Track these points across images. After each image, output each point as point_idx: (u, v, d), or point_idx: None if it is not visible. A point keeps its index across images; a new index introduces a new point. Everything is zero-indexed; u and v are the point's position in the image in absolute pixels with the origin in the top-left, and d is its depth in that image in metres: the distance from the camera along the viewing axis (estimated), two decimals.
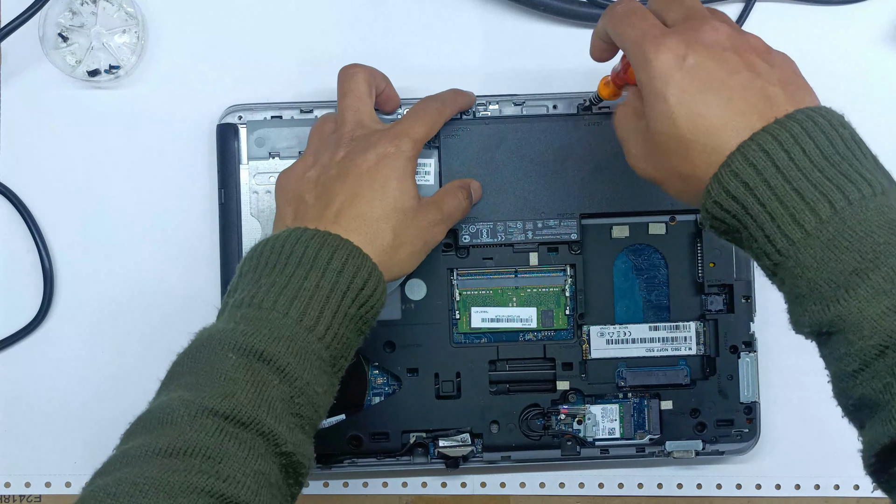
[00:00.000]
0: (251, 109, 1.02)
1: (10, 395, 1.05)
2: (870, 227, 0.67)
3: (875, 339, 0.65)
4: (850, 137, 0.71)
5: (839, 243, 0.67)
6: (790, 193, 0.69)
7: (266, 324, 0.79)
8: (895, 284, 0.65)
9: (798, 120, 0.71)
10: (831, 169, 0.69)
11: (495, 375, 1.01)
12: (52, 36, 1.03)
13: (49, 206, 1.06)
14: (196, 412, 0.73)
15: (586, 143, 1.00)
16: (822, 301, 0.67)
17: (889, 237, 0.66)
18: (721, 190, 0.72)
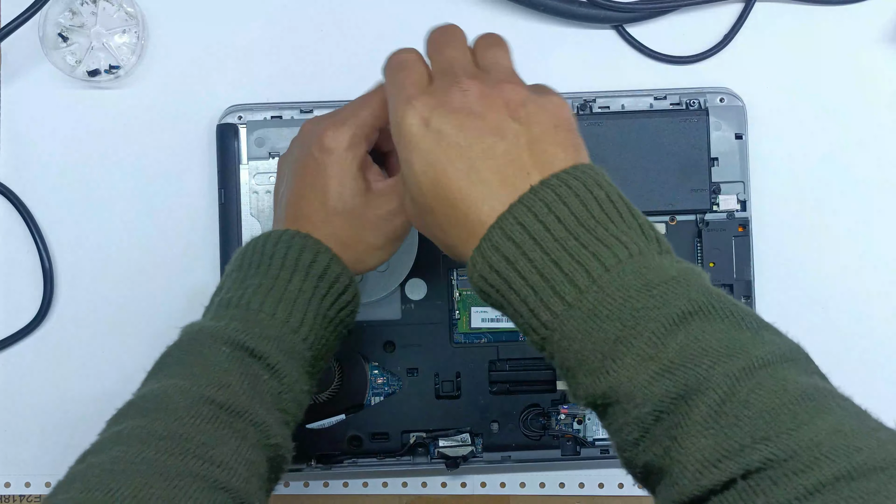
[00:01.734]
0: (251, 109, 1.02)
1: (10, 395, 1.06)
2: (628, 292, 0.65)
3: (648, 406, 0.64)
4: (606, 197, 0.69)
5: (600, 312, 0.65)
6: (549, 265, 0.67)
7: (255, 324, 0.79)
8: (658, 349, 0.64)
9: (551, 186, 0.68)
10: (587, 235, 0.67)
11: (495, 375, 1.01)
12: (52, 36, 1.03)
13: (49, 206, 1.06)
14: (193, 399, 0.74)
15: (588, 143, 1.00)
16: (592, 373, 0.66)
17: (646, 300, 0.65)
18: (485, 264, 0.69)
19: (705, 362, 0.63)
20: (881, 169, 1.05)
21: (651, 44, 1.06)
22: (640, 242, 0.68)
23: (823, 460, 0.59)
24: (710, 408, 0.62)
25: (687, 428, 0.62)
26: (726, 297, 0.67)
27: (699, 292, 0.66)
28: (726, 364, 0.63)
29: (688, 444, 0.62)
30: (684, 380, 0.63)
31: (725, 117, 1.02)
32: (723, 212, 1.02)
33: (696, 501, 0.62)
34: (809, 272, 1.05)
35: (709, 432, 0.62)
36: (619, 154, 1.00)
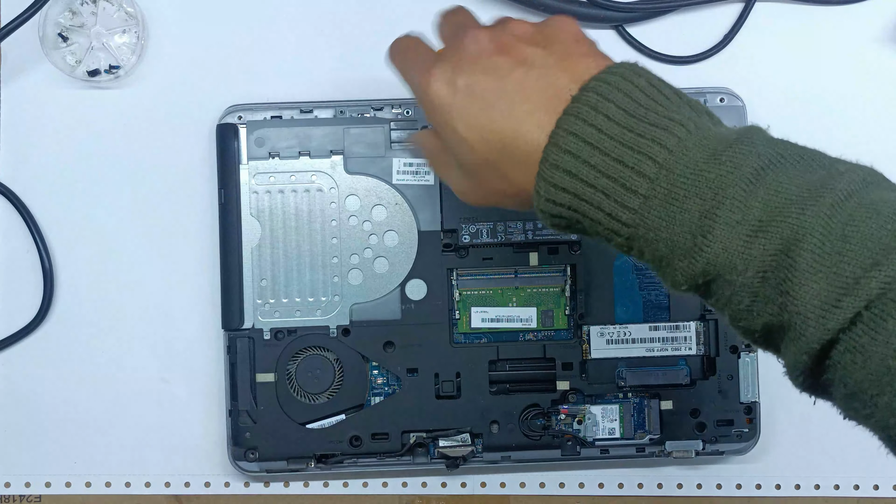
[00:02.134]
0: (251, 109, 1.02)
1: (10, 395, 1.05)
2: (697, 166, 0.65)
3: (751, 269, 0.64)
4: (648, 83, 0.68)
5: (676, 194, 0.65)
6: (613, 165, 0.66)
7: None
8: (743, 212, 0.64)
9: (591, 88, 0.68)
10: (640, 124, 0.66)
11: (495, 375, 1.02)
12: (52, 36, 1.03)
13: (49, 206, 1.05)
14: None
15: None
16: (686, 255, 0.66)
17: (717, 168, 0.65)
18: (549, 186, 0.68)
19: (793, 210, 0.63)
20: (881, 169, 1.05)
21: (651, 44, 1.06)
22: (693, 117, 0.67)
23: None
24: (813, 252, 0.62)
25: (796, 278, 0.62)
26: (791, 144, 0.67)
27: (765, 146, 0.66)
28: (814, 206, 0.63)
29: (802, 294, 0.62)
30: (778, 233, 0.63)
31: (725, 117, 1.01)
32: None
33: (826, 346, 0.62)
34: None
35: (819, 276, 0.62)
36: None
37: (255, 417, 1.01)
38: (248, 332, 1.01)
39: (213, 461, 1.05)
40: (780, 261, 0.63)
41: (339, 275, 1.01)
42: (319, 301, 1.01)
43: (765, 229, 0.63)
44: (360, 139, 1.02)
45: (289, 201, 1.01)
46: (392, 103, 1.02)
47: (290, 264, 1.01)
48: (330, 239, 1.01)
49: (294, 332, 1.01)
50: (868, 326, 0.61)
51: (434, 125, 0.75)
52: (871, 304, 0.60)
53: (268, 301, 1.01)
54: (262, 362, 1.01)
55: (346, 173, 1.02)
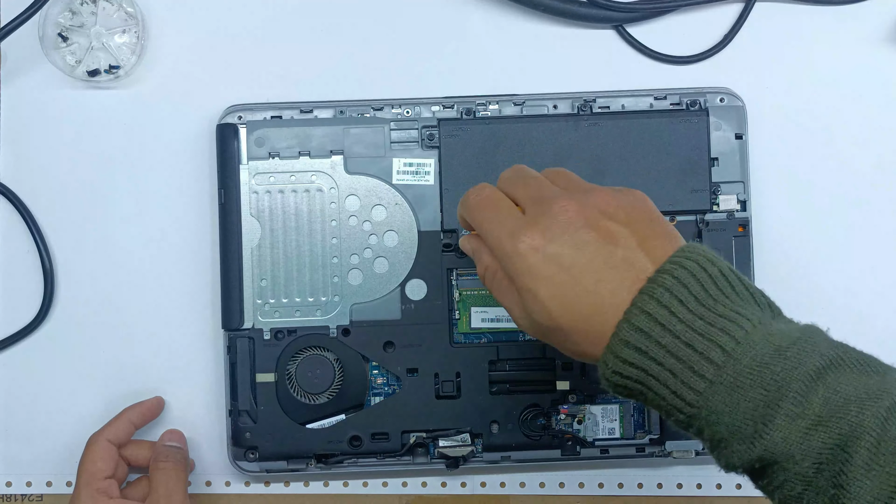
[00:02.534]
0: (251, 109, 1.02)
1: (11, 395, 1.06)
2: (763, 359, 0.67)
3: (808, 460, 0.67)
4: (720, 273, 0.71)
5: (742, 383, 0.67)
6: (682, 347, 0.68)
7: None
8: (804, 406, 0.67)
9: (668, 271, 0.70)
10: (710, 314, 0.69)
11: (495, 375, 1.01)
12: (52, 36, 1.03)
13: (49, 206, 1.06)
14: None
15: (586, 144, 1.00)
16: (745, 440, 0.68)
17: (782, 363, 0.67)
18: (617, 360, 0.71)
19: (852, 409, 0.66)
20: (881, 169, 1.06)
21: (651, 44, 1.06)
22: (756, 312, 0.70)
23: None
24: (869, 450, 0.65)
25: (851, 473, 0.66)
26: (850, 348, 0.70)
27: (827, 347, 0.69)
28: (872, 407, 0.66)
29: (855, 489, 0.65)
30: (837, 429, 0.66)
31: (725, 117, 1.02)
32: (723, 212, 1.02)
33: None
34: (809, 272, 1.05)
35: (872, 473, 0.65)
36: (619, 154, 1.00)
37: (255, 417, 1.01)
38: (248, 332, 1.01)
39: (213, 461, 1.05)
40: (837, 455, 0.66)
41: (339, 275, 1.01)
42: (319, 301, 1.01)
43: (824, 424, 0.66)
44: (360, 139, 1.02)
45: (289, 201, 1.01)
46: (392, 103, 1.02)
47: (290, 264, 1.01)
48: (330, 239, 1.01)
49: (294, 332, 1.01)
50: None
51: (516, 285, 0.75)
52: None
53: (268, 301, 1.01)
54: (262, 362, 1.01)
55: (346, 173, 1.02)
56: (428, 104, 1.02)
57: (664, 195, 1.00)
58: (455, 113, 1.02)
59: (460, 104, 1.02)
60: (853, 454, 0.65)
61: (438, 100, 1.02)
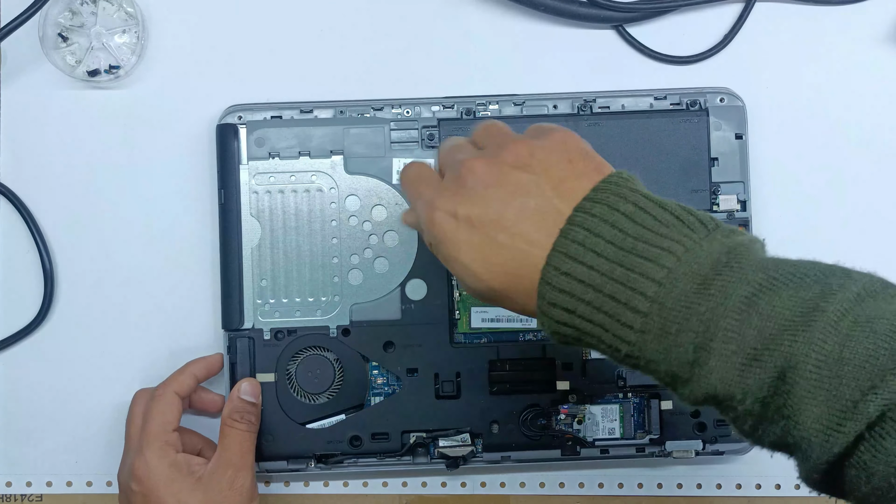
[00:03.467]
0: (251, 109, 1.02)
1: (11, 395, 1.06)
2: (688, 298, 0.65)
3: (749, 398, 0.65)
4: (634, 207, 0.69)
5: (669, 328, 0.66)
6: (606, 301, 0.67)
7: None
8: (736, 341, 0.64)
9: (578, 223, 0.69)
10: (629, 257, 0.67)
11: (495, 375, 1.01)
12: (52, 36, 1.03)
13: (49, 206, 1.06)
14: None
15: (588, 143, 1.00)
16: (686, 383, 0.67)
17: (707, 301, 0.65)
18: (550, 321, 0.70)
19: (786, 338, 0.64)
20: (881, 169, 1.06)
21: (651, 44, 1.06)
22: (682, 239, 0.68)
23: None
24: (808, 378, 0.63)
25: (795, 404, 0.63)
26: (783, 262, 0.67)
27: (755, 270, 0.66)
28: (806, 332, 0.63)
29: (803, 419, 0.63)
30: (772, 362, 0.64)
31: (725, 117, 1.02)
32: (723, 212, 1.02)
33: (834, 460, 0.63)
34: None
35: (817, 400, 0.63)
36: (619, 154, 1.00)
37: None
38: (248, 332, 1.01)
39: None
40: (778, 387, 0.64)
41: (339, 275, 1.01)
42: (319, 301, 1.01)
43: (759, 358, 0.64)
44: (360, 139, 1.02)
45: (289, 201, 1.01)
46: (392, 103, 1.02)
47: (290, 264, 1.01)
48: (330, 239, 1.01)
49: (294, 332, 1.01)
50: (870, 445, 0.62)
51: (439, 257, 0.75)
52: (872, 426, 0.62)
53: (268, 301, 1.01)
54: (262, 362, 1.01)
55: (346, 173, 1.02)
56: (428, 104, 1.02)
57: (664, 195, 1.00)
58: (455, 113, 1.02)
59: (460, 104, 1.02)
60: (793, 385, 0.63)
61: (438, 100, 1.02)
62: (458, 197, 0.73)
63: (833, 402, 0.62)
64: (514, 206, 0.71)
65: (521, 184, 0.72)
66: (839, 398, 0.62)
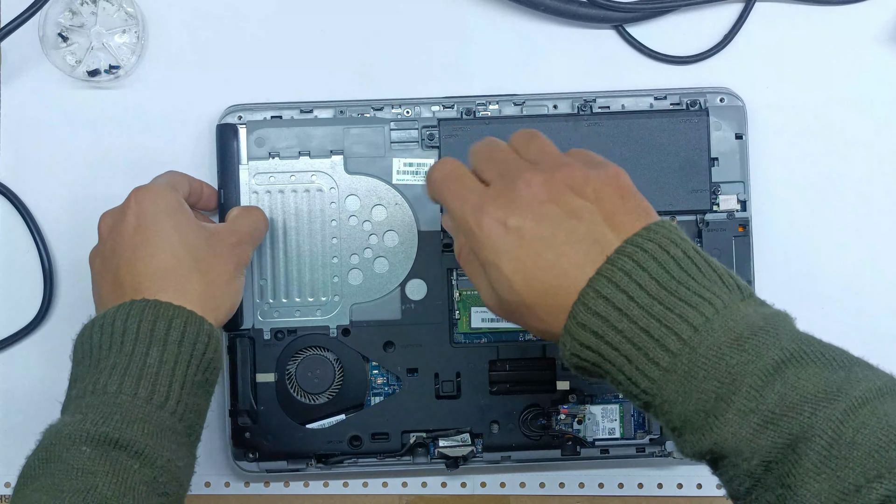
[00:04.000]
0: (251, 109, 1.02)
1: (10, 395, 1.06)
2: (720, 349, 0.67)
3: (756, 458, 0.66)
4: (683, 255, 0.71)
5: (696, 374, 0.67)
6: (639, 333, 0.69)
7: (116, 409, 0.77)
8: (757, 401, 0.66)
9: (628, 254, 0.70)
10: (670, 298, 0.69)
11: (495, 375, 1.01)
12: (52, 36, 1.03)
13: (49, 206, 1.06)
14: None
15: (586, 144, 1.00)
16: (696, 431, 0.68)
17: (739, 355, 0.67)
18: (574, 343, 0.71)
19: (806, 409, 0.65)
20: (881, 169, 1.05)
21: (651, 44, 1.06)
22: (722, 295, 0.69)
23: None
24: (819, 453, 0.64)
25: (799, 475, 0.64)
26: (815, 340, 0.69)
27: (789, 339, 0.67)
28: (827, 408, 0.65)
29: (803, 492, 0.64)
30: (788, 429, 0.65)
31: (725, 117, 1.02)
32: (723, 212, 1.02)
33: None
34: (810, 272, 1.05)
35: (821, 477, 0.64)
36: (619, 154, 1.00)
37: (255, 417, 1.01)
38: (248, 332, 1.01)
39: (213, 461, 1.04)
40: (786, 455, 0.65)
41: (339, 275, 1.01)
42: (319, 301, 1.01)
43: (776, 422, 0.65)
44: (360, 139, 1.02)
45: (289, 201, 1.01)
46: (392, 103, 1.02)
47: (290, 264, 1.01)
48: (330, 239, 1.01)
49: (294, 332, 1.01)
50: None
51: (480, 259, 0.76)
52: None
53: (268, 301, 1.01)
54: (262, 362, 1.01)
55: (346, 173, 1.02)
56: (428, 104, 1.02)
57: (664, 195, 1.00)
58: (455, 113, 1.02)
59: (460, 104, 1.02)
60: (802, 456, 0.64)
61: (438, 100, 1.02)
62: (511, 206, 0.74)
63: (837, 482, 0.63)
64: (566, 226, 0.72)
65: (575, 207, 0.73)
66: (843, 480, 0.63)
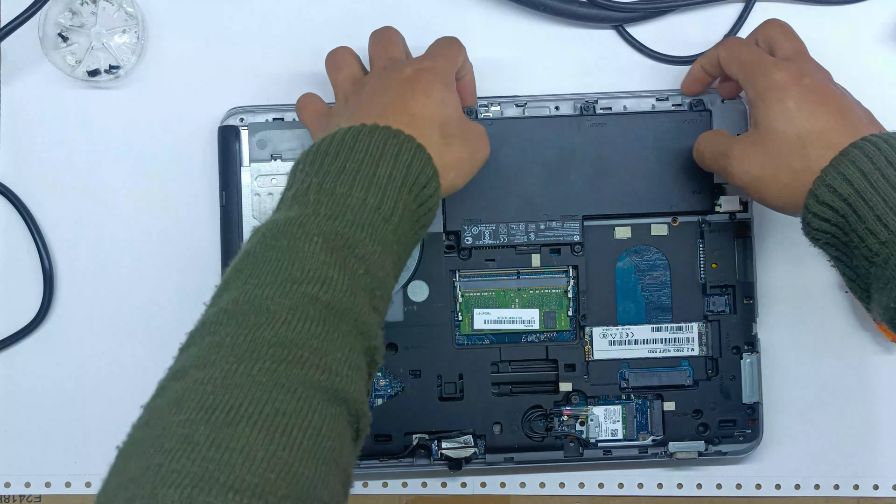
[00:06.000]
0: (253, 111, 1.02)
1: (10, 395, 1.05)
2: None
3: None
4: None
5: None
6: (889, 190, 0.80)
7: (346, 209, 0.76)
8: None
9: (884, 138, 0.83)
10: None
11: (498, 377, 1.02)
12: (52, 36, 1.03)
13: (49, 206, 1.05)
14: (296, 299, 0.70)
15: (589, 144, 1.00)
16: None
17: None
18: (836, 174, 0.81)
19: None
20: None
21: (651, 44, 1.06)
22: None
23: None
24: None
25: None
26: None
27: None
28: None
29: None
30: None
31: (727, 118, 1.02)
32: (725, 213, 1.02)
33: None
34: (811, 273, 1.05)
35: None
36: (621, 155, 1.00)
37: None
38: None
39: None
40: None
41: None
42: None
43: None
44: None
45: None
46: None
47: None
48: None
49: None
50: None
51: (762, 98, 0.89)
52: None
53: None
54: None
55: None
56: None
57: (666, 196, 1.00)
58: None
59: None
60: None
61: None
62: (807, 74, 0.90)
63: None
64: (844, 103, 0.89)
65: (850, 104, 0.90)
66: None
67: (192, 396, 0.65)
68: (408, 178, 0.79)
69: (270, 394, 0.65)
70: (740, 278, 1.02)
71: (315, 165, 0.80)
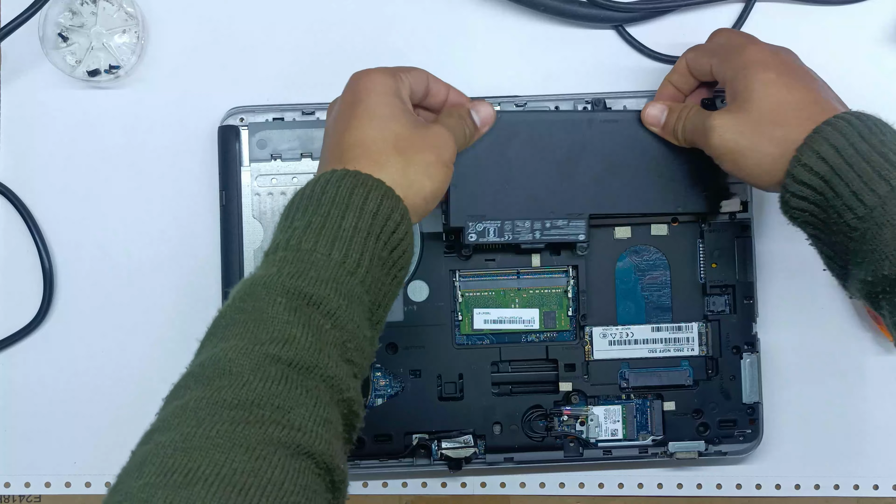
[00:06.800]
0: (253, 111, 1.02)
1: (10, 395, 1.05)
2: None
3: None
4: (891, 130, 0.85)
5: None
6: (875, 156, 0.80)
7: (310, 266, 0.76)
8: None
9: (850, 114, 0.85)
10: (885, 148, 0.82)
11: (498, 377, 1.02)
12: (52, 36, 1.03)
13: (49, 206, 1.05)
14: (258, 360, 0.71)
15: (590, 145, 1.00)
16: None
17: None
18: (811, 152, 0.82)
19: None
20: None
21: (651, 44, 1.06)
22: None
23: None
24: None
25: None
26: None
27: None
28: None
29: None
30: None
31: None
32: (725, 213, 1.02)
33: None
34: (811, 273, 1.05)
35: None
36: (623, 155, 1.00)
37: None
38: None
39: None
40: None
41: None
42: None
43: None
44: None
45: None
46: None
47: None
48: None
49: None
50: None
51: (743, 72, 0.90)
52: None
53: None
54: None
55: None
56: None
57: (667, 197, 1.00)
58: None
59: None
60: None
61: None
62: (779, 52, 0.92)
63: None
64: (816, 83, 0.91)
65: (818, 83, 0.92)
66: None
67: (154, 460, 0.66)
68: (373, 228, 0.79)
69: (228, 455, 0.65)
70: (740, 278, 1.02)
71: (288, 220, 0.80)
